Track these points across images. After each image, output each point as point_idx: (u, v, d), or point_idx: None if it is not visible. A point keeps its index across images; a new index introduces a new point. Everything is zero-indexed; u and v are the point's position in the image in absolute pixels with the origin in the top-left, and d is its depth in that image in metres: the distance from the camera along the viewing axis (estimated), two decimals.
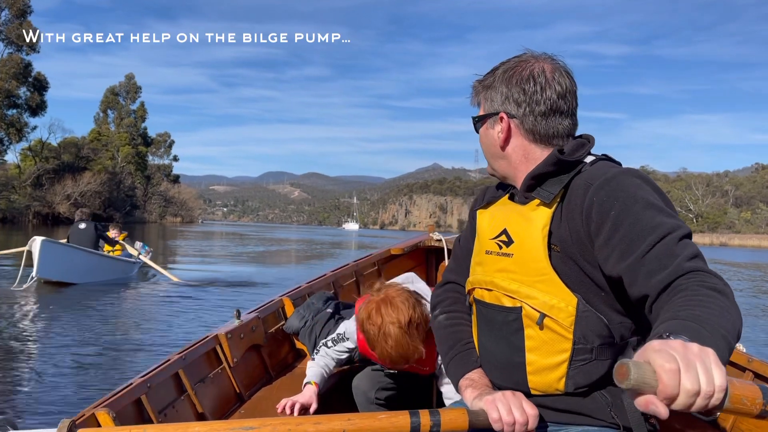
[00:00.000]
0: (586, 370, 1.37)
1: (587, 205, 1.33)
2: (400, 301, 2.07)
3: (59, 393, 4.69)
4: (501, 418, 1.32)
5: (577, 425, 1.42)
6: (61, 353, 5.96)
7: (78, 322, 7.71)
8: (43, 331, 7.13)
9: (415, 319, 2.05)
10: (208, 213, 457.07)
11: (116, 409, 1.76)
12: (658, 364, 0.89)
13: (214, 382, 2.51)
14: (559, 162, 1.41)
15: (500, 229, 1.47)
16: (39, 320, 7.87)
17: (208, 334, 2.68)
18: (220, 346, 2.65)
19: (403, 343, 2.03)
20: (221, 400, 2.53)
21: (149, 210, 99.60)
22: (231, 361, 2.64)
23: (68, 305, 9.05)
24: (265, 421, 1.26)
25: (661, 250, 1.22)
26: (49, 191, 63.11)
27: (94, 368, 5.50)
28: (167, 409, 2.12)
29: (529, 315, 1.39)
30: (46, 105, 62.72)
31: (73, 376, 5.23)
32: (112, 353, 6.13)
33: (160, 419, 2.04)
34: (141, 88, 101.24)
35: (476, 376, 1.51)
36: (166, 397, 2.16)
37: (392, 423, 1.28)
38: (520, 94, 1.44)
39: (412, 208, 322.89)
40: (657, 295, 1.19)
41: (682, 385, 0.88)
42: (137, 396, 1.96)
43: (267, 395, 2.71)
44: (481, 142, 1.58)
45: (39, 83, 61.53)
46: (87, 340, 6.61)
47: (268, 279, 14.11)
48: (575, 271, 1.36)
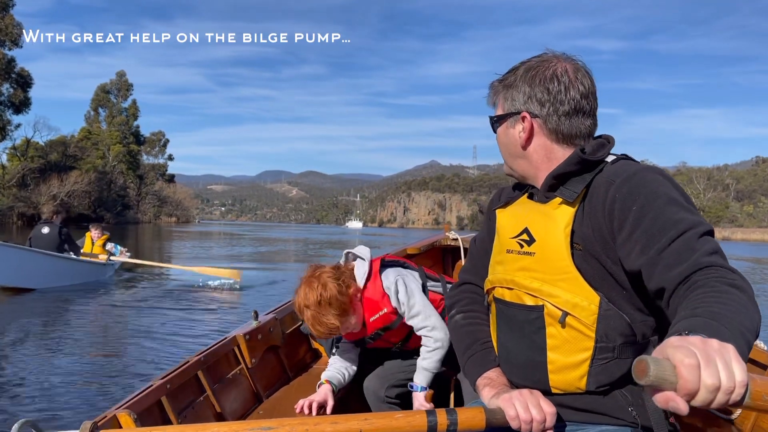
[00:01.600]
0: (607, 368, 1.38)
1: (609, 201, 1.34)
2: (311, 284, 2.25)
3: (81, 395, 4.72)
4: (518, 416, 1.31)
5: (596, 424, 1.42)
6: (80, 356, 6.01)
7: (87, 325, 7.78)
8: (56, 335, 7.10)
9: (325, 298, 2.22)
10: (206, 212, 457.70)
11: (137, 410, 1.81)
12: (677, 359, 0.89)
13: (233, 383, 2.56)
14: (582, 161, 1.41)
15: (521, 228, 1.47)
16: (53, 324, 7.81)
17: (227, 335, 2.71)
18: (238, 348, 2.68)
19: (316, 318, 2.23)
20: (240, 401, 2.56)
21: (143, 210, 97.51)
22: (249, 362, 2.68)
23: (76, 308, 9.11)
24: (282, 422, 1.27)
25: (681, 244, 1.22)
26: (34, 191, 61.04)
27: (109, 371, 5.51)
28: (187, 410, 2.17)
29: (551, 313, 1.39)
30: (31, 102, 60.61)
31: (91, 379, 5.24)
32: (125, 358, 6.11)
33: (180, 420, 2.09)
34: (132, 86, 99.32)
35: (494, 375, 1.50)
36: (185, 398, 2.21)
37: (409, 422, 1.28)
38: (544, 93, 1.44)
39: (411, 205, 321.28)
40: (674, 289, 1.20)
41: (702, 380, 0.87)
42: (158, 397, 2.01)
43: (285, 395, 2.75)
44: (499, 142, 1.57)
45: (23, 79, 59.39)
46: (99, 344, 6.68)
47: (260, 283, 12.87)
48: (598, 269, 1.37)
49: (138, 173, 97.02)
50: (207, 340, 5.42)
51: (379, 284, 2.38)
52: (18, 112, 59.50)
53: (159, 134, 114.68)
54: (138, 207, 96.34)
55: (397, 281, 2.37)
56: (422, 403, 2.35)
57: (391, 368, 2.62)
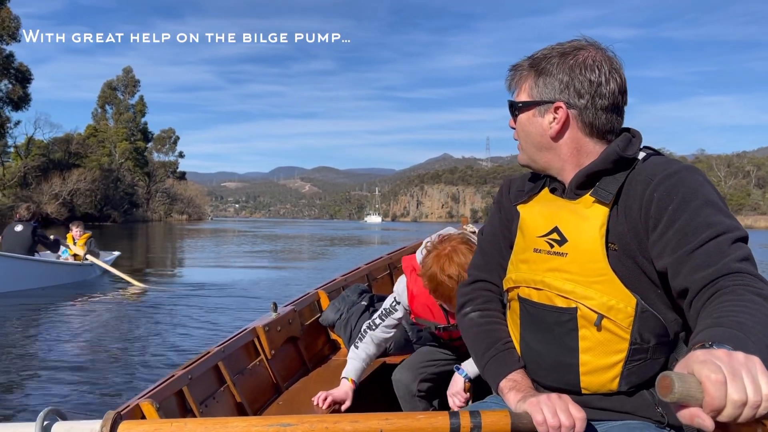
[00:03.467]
0: (640, 369, 1.36)
1: (647, 200, 1.31)
2: (469, 251, 2.15)
3: (104, 385, 4.85)
4: (546, 421, 1.27)
5: (618, 420, 1.40)
6: (101, 348, 6.23)
7: (106, 318, 7.97)
8: (76, 328, 7.30)
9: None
10: (220, 210, 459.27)
11: (159, 399, 1.83)
12: (704, 375, 0.87)
13: (253, 374, 2.58)
14: (619, 159, 1.37)
15: (550, 227, 1.42)
16: (71, 319, 8.00)
17: (246, 327, 2.73)
18: (258, 339, 2.70)
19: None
20: (259, 392, 2.59)
21: (152, 208, 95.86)
22: (269, 353, 2.70)
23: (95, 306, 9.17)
24: (302, 419, 1.26)
25: (712, 247, 1.21)
26: (35, 190, 59.09)
27: (130, 362, 5.67)
28: (208, 400, 2.18)
29: (586, 316, 1.36)
30: (30, 98, 58.35)
31: (112, 369, 5.39)
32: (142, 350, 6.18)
33: (201, 410, 2.10)
34: (139, 82, 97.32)
35: (519, 377, 1.45)
36: (206, 388, 2.23)
37: (431, 423, 1.26)
38: (584, 84, 1.37)
39: (424, 198, 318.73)
40: (698, 291, 1.19)
41: (728, 395, 0.86)
42: (179, 387, 2.03)
43: (304, 387, 2.76)
44: (522, 130, 1.48)
45: (21, 74, 57.30)
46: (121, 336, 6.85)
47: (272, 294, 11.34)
48: (633, 270, 1.34)
49: (146, 170, 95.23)
50: (225, 333, 5.55)
51: None
52: (17, 108, 57.43)
53: (169, 131, 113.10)
54: (147, 205, 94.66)
55: None
56: (459, 390, 2.32)
57: (421, 360, 2.58)
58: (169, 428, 1.25)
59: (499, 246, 1.61)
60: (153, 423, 1.31)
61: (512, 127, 1.52)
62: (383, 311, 2.56)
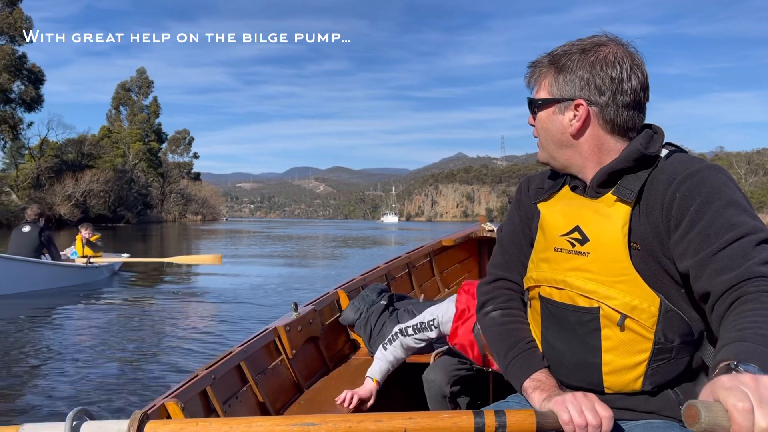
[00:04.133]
0: (664, 368, 1.34)
1: (668, 199, 1.29)
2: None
3: (129, 385, 4.91)
4: (572, 420, 1.25)
5: (641, 420, 1.40)
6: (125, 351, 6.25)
7: (129, 319, 8.10)
8: (103, 330, 7.35)
9: None
10: (235, 210, 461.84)
11: (184, 400, 1.86)
12: (730, 404, 0.86)
13: (275, 374, 2.60)
14: (641, 157, 1.35)
15: (572, 226, 1.41)
16: (96, 320, 8.08)
17: (268, 327, 2.75)
18: (279, 339, 2.72)
19: None
20: (281, 391, 2.60)
21: (167, 209, 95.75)
22: (290, 353, 2.72)
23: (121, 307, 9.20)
24: (326, 418, 1.27)
25: (736, 249, 1.19)
26: (48, 192, 58.81)
27: (154, 362, 5.74)
28: (231, 400, 2.21)
29: (608, 316, 1.34)
30: (43, 99, 58.14)
31: (137, 369, 5.48)
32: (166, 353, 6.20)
33: (225, 409, 2.13)
34: (153, 83, 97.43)
35: (543, 376, 1.42)
36: (229, 388, 2.25)
37: (455, 423, 1.25)
38: (605, 80, 1.35)
39: (439, 198, 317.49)
40: (720, 295, 1.18)
41: (756, 424, 0.86)
42: (203, 387, 2.06)
43: (325, 386, 2.77)
44: (541, 128, 1.46)
45: (34, 75, 57.18)
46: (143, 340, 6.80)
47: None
48: (656, 269, 1.32)
49: (160, 171, 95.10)
50: (242, 332, 6.20)
51: None
52: (30, 109, 57.27)
53: (184, 132, 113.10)
54: (162, 206, 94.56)
55: None
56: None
57: (453, 361, 2.55)
58: (194, 428, 1.26)
59: (519, 244, 1.58)
60: (178, 422, 1.33)
61: (531, 124, 1.49)
62: (419, 325, 2.52)
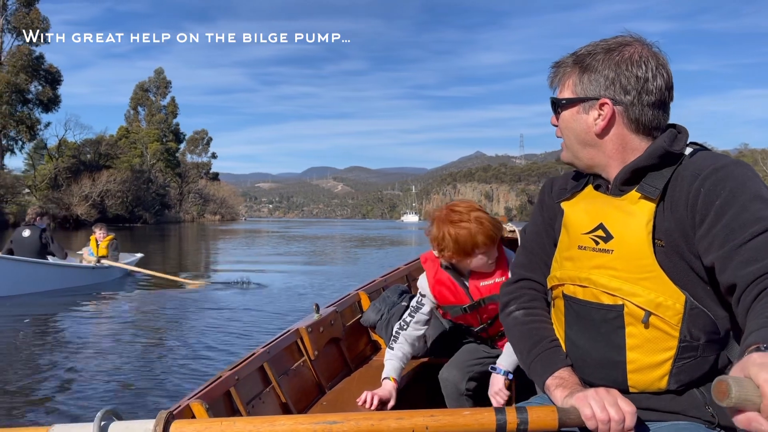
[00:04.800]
0: (690, 367, 1.34)
1: (693, 194, 1.30)
2: (472, 203, 2.35)
3: (154, 386, 5.00)
4: (594, 415, 1.24)
5: (668, 421, 1.38)
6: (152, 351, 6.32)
7: (151, 320, 8.18)
8: (129, 330, 7.42)
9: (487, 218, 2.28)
10: (254, 210, 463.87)
11: (208, 400, 1.88)
12: (761, 378, 0.86)
13: (297, 375, 2.62)
14: (665, 155, 1.36)
15: (595, 224, 1.41)
16: (122, 321, 8.11)
17: (290, 328, 2.77)
18: (301, 340, 2.74)
19: (496, 223, 2.28)
20: (304, 392, 2.62)
21: (185, 209, 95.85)
22: (312, 354, 2.74)
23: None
24: (348, 416, 1.27)
25: (761, 242, 1.19)
26: (66, 192, 58.73)
27: (176, 363, 5.78)
28: (254, 401, 2.23)
29: (633, 313, 1.34)
30: (60, 100, 58.09)
31: (161, 370, 5.53)
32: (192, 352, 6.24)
33: (248, 410, 2.15)
34: (171, 83, 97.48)
35: (566, 374, 1.43)
36: (252, 389, 2.28)
37: (477, 420, 1.25)
38: (631, 80, 1.36)
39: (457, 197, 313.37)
40: (746, 287, 1.17)
41: None
42: (227, 388, 2.08)
43: (347, 387, 2.78)
44: (565, 127, 1.47)
45: (51, 76, 57.19)
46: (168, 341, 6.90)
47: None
48: (681, 266, 1.32)
49: (177, 171, 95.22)
50: (262, 333, 6.69)
51: (503, 252, 2.40)
52: (47, 110, 57.27)
53: (202, 132, 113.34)
54: (180, 206, 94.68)
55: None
56: (501, 389, 2.35)
57: (467, 358, 2.60)
58: (219, 427, 1.28)
59: (543, 244, 1.59)
60: (203, 422, 1.34)
61: (554, 124, 1.50)
62: (411, 308, 2.57)
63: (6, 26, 54.34)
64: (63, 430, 1.29)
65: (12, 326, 7.57)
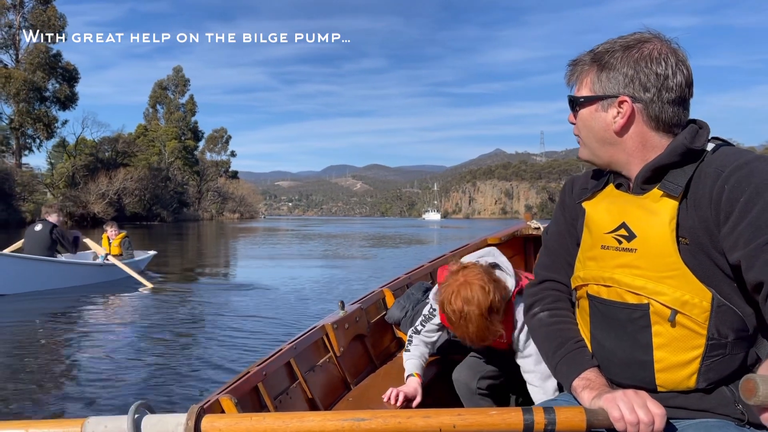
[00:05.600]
0: (719, 365, 1.33)
1: (717, 191, 1.28)
2: (479, 287, 2.07)
3: (183, 380, 5.10)
4: (623, 417, 1.24)
5: (696, 418, 1.38)
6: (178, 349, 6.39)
7: (178, 317, 8.21)
8: (160, 327, 7.47)
9: (495, 304, 2.08)
10: (273, 208, 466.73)
11: (237, 395, 1.92)
12: None
13: (323, 371, 2.64)
14: (687, 152, 1.34)
15: (618, 223, 1.40)
16: (150, 318, 8.12)
17: (315, 324, 2.80)
18: (327, 337, 2.77)
19: (483, 327, 2.08)
20: (330, 388, 2.64)
21: (204, 207, 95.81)
22: (337, 350, 2.77)
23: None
24: (376, 413, 1.28)
25: None
26: (83, 190, 58.43)
27: (204, 359, 5.86)
28: (281, 396, 2.26)
29: (658, 312, 1.34)
30: (77, 97, 57.78)
31: (189, 366, 5.62)
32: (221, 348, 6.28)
33: (275, 405, 2.18)
34: (189, 81, 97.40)
35: (592, 375, 1.42)
36: (280, 384, 2.31)
37: (504, 419, 1.25)
38: (650, 77, 1.35)
39: (476, 195, 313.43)
40: None
41: None
42: (255, 383, 2.11)
43: (372, 383, 2.77)
44: (583, 125, 1.46)
45: (68, 74, 56.95)
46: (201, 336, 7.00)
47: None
48: (706, 263, 1.31)
49: (195, 169, 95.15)
50: (283, 330, 6.91)
51: (510, 311, 2.27)
52: (64, 108, 56.95)
53: (221, 131, 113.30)
54: (199, 204, 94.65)
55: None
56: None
57: (480, 360, 2.61)
58: (248, 422, 1.30)
59: (565, 244, 1.58)
60: (233, 417, 1.36)
61: (572, 122, 1.49)
62: (424, 317, 2.57)
63: (23, 24, 54.25)
64: (98, 422, 1.32)
65: (31, 323, 7.68)
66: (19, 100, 52.31)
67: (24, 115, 52.97)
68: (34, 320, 7.79)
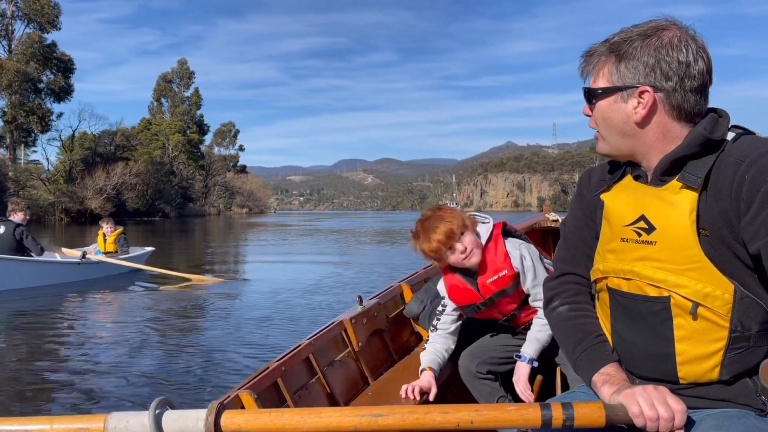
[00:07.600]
0: (743, 357, 1.31)
1: (737, 182, 1.26)
2: (448, 211, 2.43)
3: (203, 377, 5.09)
4: (642, 413, 1.23)
5: (716, 408, 1.37)
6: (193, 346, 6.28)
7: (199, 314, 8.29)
8: (178, 325, 7.46)
9: (461, 221, 2.37)
10: (285, 203, 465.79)
11: (257, 390, 1.93)
12: None
13: (342, 366, 2.65)
14: (706, 142, 1.32)
15: (637, 215, 1.38)
16: (168, 314, 8.16)
17: (334, 320, 2.80)
18: (345, 332, 2.77)
19: (447, 232, 2.34)
20: (349, 383, 2.65)
21: (210, 202, 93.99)
22: (356, 345, 2.77)
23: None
24: (394, 409, 1.29)
25: None
26: (80, 185, 56.52)
27: (223, 354, 5.83)
28: (300, 391, 2.26)
29: (680, 304, 1.33)
30: (73, 89, 56.18)
31: (209, 361, 5.58)
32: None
33: (295, 400, 2.19)
34: (194, 74, 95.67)
35: (612, 370, 1.41)
36: (299, 380, 2.32)
37: (522, 415, 1.26)
38: (672, 65, 1.31)
39: (488, 187, 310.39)
40: None
41: None
42: (274, 379, 2.12)
43: (391, 378, 2.77)
44: (602, 118, 1.42)
45: (63, 64, 55.31)
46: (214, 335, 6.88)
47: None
48: (728, 255, 1.29)
49: (201, 164, 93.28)
50: (301, 324, 7.00)
51: (501, 246, 2.45)
52: (59, 100, 55.30)
53: (229, 125, 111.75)
54: (204, 199, 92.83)
55: (521, 246, 2.45)
56: (525, 375, 2.42)
57: (483, 346, 2.69)
58: (268, 417, 1.31)
59: (584, 237, 1.57)
60: (253, 412, 1.37)
61: (587, 114, 1.46)
62: (437, 312, 2.66)
63: (16, 13, 52.48)
64: (120, 417, 1.33)
65: (27, 323, 7.57)
66: (11, 91, 50.56)
67: (17, 107, 51.25)
68: (27, 321, 7.67)
